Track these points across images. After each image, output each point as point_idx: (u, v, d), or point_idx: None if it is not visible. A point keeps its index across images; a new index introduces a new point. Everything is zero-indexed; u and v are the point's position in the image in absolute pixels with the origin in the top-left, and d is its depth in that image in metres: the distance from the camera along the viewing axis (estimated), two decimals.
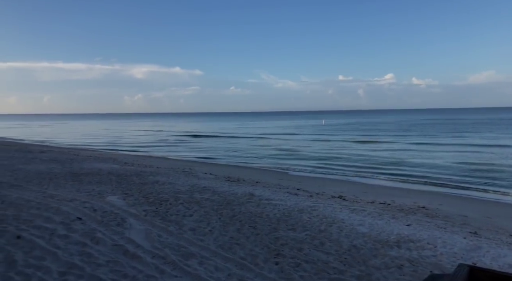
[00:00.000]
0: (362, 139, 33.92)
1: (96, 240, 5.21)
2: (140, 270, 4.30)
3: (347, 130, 51.41)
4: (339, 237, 5.94)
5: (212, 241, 5.46)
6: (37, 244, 4.94)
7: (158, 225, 6.13)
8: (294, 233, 6.02)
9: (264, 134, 44.28)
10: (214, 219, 6.64)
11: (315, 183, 13.34)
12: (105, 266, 4.35)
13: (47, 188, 9.07)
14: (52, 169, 12.50)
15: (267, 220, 6.74)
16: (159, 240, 5.36)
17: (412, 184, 13.77)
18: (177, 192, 8.96)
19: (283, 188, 11.07)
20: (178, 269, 4.40)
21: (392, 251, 5.38)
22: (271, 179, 13.31)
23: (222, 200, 8.29)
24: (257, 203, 8.11)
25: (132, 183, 10.19)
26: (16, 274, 4.06)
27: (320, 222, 6.81)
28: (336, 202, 9.05)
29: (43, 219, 6.13)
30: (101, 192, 8.71)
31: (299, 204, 8.35)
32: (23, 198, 7.76)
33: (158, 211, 7.07)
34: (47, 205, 7.06)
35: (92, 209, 6.90)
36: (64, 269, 4.25)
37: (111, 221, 6.16)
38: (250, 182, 11.82)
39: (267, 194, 9.38)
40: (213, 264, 4.62)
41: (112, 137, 44.01)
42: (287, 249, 5.25)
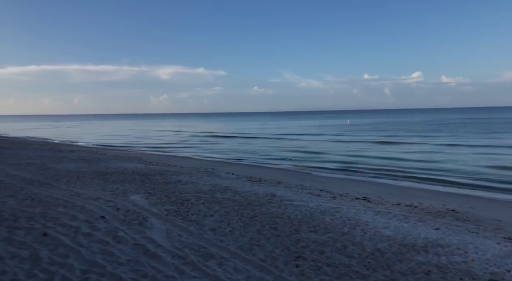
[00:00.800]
0: (388, 140, 32.75)
1: (118, 239, 5.28)
2: (160, 270, 4.30)
3: (372, 130, 49.99)
4: (363, 240, 5.75)
5: (232, 242, 5.41)
6: (62, 242, 5.07)
7: (179, 224, 6.16)
8: (316, 235, 5.89)
9: (287, 135, 43.76)
10: (235, 220, 6.60)
11: (338, 184, 13.07)
12: (126, 265, 4.39)
13: (74, 186, 9.35)
14: (80, 168, 12.90)
15: (288, 222, 6.63)
16: (179, 240, 5.37)
17: (441, 186, 13.22)
18: (199, 192, 9.00)
19: (306, 189, 10.90)
20: (197, 269, 4.38)
21: (419, 256, 5.14)
22: (293, 180, 13.15)
23: (243, 200, 8.25)
24: (278, 204, 8.01)
25: (156, 182, 10.34)
26: (40, 271, 4.16)
27: (343, 224, 6.63)
28: (360, 203, 8.80)
29: (69, 217, 6.29)
30: (125, 191, 8.88)
31: (321, 205, 8.18)
32: (51, 196, 8.03)
33: (180, 210, 7.11)
34: (73, 204, 7.26)
35: (116, 208, 7.03)
36: (87, 267, 4.32)
37: (133, 220, 6.24)
38: (271, 183, 11.73)
39: (289, 195, 9.26)
40: (233, 265, 4.57)
41: (133, 137, 45.04)
42: (308, 252, 5.13)
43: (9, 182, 9.66)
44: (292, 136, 41.93)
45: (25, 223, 5.90)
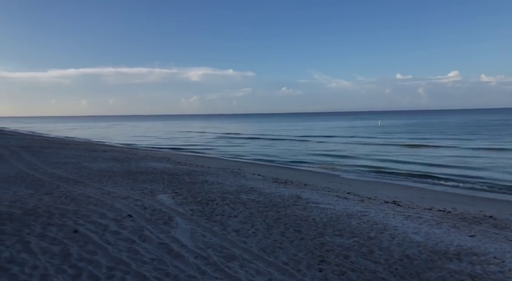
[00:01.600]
0: (420, 143, 31.12)
1: (144, 237, 5.39)
2: (182, 270, 4.34)
3: (404, 132, 47.89)
4: (390, 245, 5.54)
5: (255, 244, 5.38)
6: (91, 239, 5.24)
7: (203, 225, 6.20)
8: (341, 239, 5.73)
9: (314, 137, 43.05)
10: (259, 221, 6.56)
11: (367, 187, 12.72)
12: (150, 264, 4.47)
13: (105, 185, 9.68)
14: (112, 167, 13.35)
15: (313, 224, 6.51)
16: (203, 240, 5.41)
17: (477, 191, 12.54)
18: (224, 192, 9.05)
19: (333, 191, 10.69)
20: (219, 271, 4.38)
21: (451, 264, 4.88)
22: (320, 182, 12.95)
23: (268, 201, 8.20)
24: (303, 206, 7.90)
25: (183, 182, 10.51)
26: (69, 267, 4.32)
27: (370, 228, 6.42)
28: (389, 207, 8.51)
29: (98, 215, 6.51)
30: (153, 190, 9.08)
31: (348, 208, 7.97)
32: (84, 194, 8.36)
33: (204, 210, 7.17)
34: (103, 202, 7.51)
35: (143, 207, 7.20)
36: (113, 264, 4.44)
37: (159, 220, 6.36)
38: (298, 184, 11.60)
39: (315, 197, 9.11)
40: (255, 267, 4.53)
41: (162, 138, 46.07)
42: (332, 256, 5.00)
43: (46, 180, 10.16)
44: (319, 138, 41.15)
45: (58, 219, 6.16)
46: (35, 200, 7.64)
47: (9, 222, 5.96)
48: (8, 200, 7.56)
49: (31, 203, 7.35)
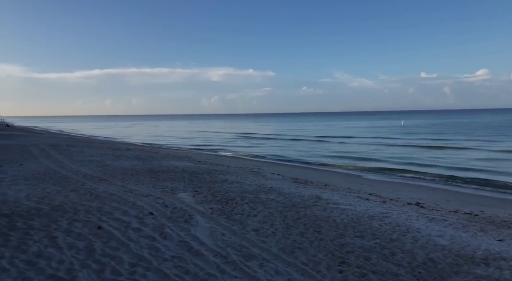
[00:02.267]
0: (445, 144, 29.52)
1: (164, 235, 5.48)
2: (202, 268, 4.38)
3: (428, 133, 46.12)
4: (413, 248, 5.40)
5: (274, 244, 5.36)
6: (114, 235, 5.37)
7: (222, 223, 6.24)
8: (362, 241, 5.63)
9: (334, 137, 42.37)
10: (278, 221, 6.54)
11: (389, 188, 12.45)
12: (170, 261, 4.54)
13: (128, 183, 9.91)
14: (134, 165, 13.65)
15: (333, 225, 6.43)
16: (222, 239, 5.44)
17: (507, 194, 12.04)
18: (243, 192, 9.08)
19: (354, 192, 10.53)
20: (238, 269, 4.40)
21: (478, 269, 4.70)
22: (341, 182, 12.78)
23: (288, 201, 8.16)
24: (323, 207, 7.81)
25: (203, 181, 10.61)
26: (93, 262, 4.44)
27: (392, 230, 6.28)
28: (412, 209, 8.29)
29: (121, 212, 6.67)
30: (174, 188, 9.22)
31: (369, 210, 7.83)
32: (107, 191, 8.58)
33: (224, 209, 7.22)
34: (126, 199, 7.68)
35: (164, 205, 7.32)
36: (134, 261, 4.53)
37: (179, 218, 6.45)
38: (318, 185, 11.49)
39: (335, 198, 8.99)
40: (274, 267, 4.52)
41: (179, 137, 46.67)
42: (353, 258, 4.92)
43: (72, 177, 10.50)
44: (340, 138, 40.43)
45: (83, 216, 6.36)
46: (62, 196, 7.91)
47: (38, 218, 6.19)
48: (37, 196, 7.86)
49: (58, 199, 7.61)
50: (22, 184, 9.37)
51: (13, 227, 5.67)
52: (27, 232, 5.43)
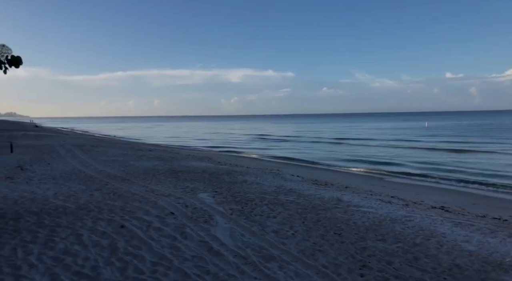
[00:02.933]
0: (472, 148, 27.84)
1: (185, 235, 5.55)
2: (222, 268, 4.41)
3: (453, 135, 43.62)
4: (438, 253, 5.24)
5: (294, 245, 5.33)
6: (136, 234, 5.49)
7: (242, 224, 6.26)
8: (384, 244, 5.52)
9: (358, 139, 41.56)
10: (298, 223, 6.50)
11: (412, 191, 12.15)
12: (191, 261, 4.59)
13: (150, 183, 10.09)
14: (156, 166, 13.89)
15: (354, 228, 6.33)
16: (242, 240, 5.45)
17: None
18: (263, 193, 9.07)
19: (375, 195, 10.33)
20: (258, 271, 4.39)
21: (506, 276, 4.51)
22: (362, 185, 12.57)
23: (307, 203, 8.10)
24: (344, 209, 7.70)
25: (223, 181, 10.68)
26: (117, 260, 4.55)
27: (416, 234, 6.12)
28: (437, 213, 8.05)
29: (143, 211, 6.80)
30: (194, 189, 9.32)
31: (392, 213, 7.66)
32: (130, 191, 8.77)
33: (244, 210, 7.24)
34: (148, 199, 7.83)
35: (184, 205, 7.41)
36: (156, 259, 4.61)
37: (199, 218, 6.52)
38: (338, 187, 11.34)
39: (356, 200, 8.85)
40: (293, 269, 4.49)
41: (199, 138, 47.09)
42: (374, 261, 4.83)
43: (97, 177, 10.80)
44: (361, 140, 39.62)
45: (107, 214, 6.53)
46: (87, 195, 8.15)
47: (64, 216, 6.40)
48: (63, 195, 8.13)
49: (83, 198, 7.84)
50: (49, 183, 9.72)
51: (41, 224, 5.89)
52: (54, 230, 5.63)
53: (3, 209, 6.78)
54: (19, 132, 37.38)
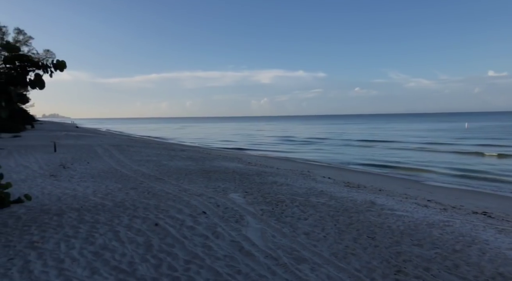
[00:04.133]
0: None
1: (217, 234, 5.62)
2: (253, 268, 4.42)
3: (497, 138, 39.66)
4: (480, 261, 4.96)
5: (326, 248, 5.25)
6: (169, 233, 5.63)
7: (273, 225, 6.25)
8: (421, 250, 5.31)
9: (392, 142, 40.21)
10: (329, 225, 6.40)
11: (451, 194, 11.62)
12: (222, 260, 4.64)
13: (182, 182, 10.32)
14: (188, 166, 14.19)
15: (388, 232, 6.14)
16: (272, 241, 5.45)
17: None
18: (293, 194, 9.01)
19: (411, 198, 9.97)
20: (289, 272, 4.37)
21: None
22: (396, 188, 12.18)
23: (339, 206, 7.95)
24: (378, 213, 7.49)
25: (253, 182, 10.72)
26: (152, 257, 4.69)
27: (455, 240, 5.83)
28: (478, 219, 7.64)
29: (176, 210, 6.97)
30: (225, 189, 9.42)
31: (428, 217, 7.36)
32: (163, 190, 9.01)
33: (274, 211, 7.22)
34: (181, 198, 8.01)
35: (216, 205, 7.51)
36: (189, 258, 4.70)
37: (230, 218, 6.58)
38: (371, 190, 11.06)
39: (390, 204, 8.59)
40: (325, 272, 4.42)
41: (230, 138, 47.50)
42: (410, 267, 4.66)
43: (132, 176, 11.19)
44: (396, 143, 38.27)
45: (142, 212, 6.74)
46: (123, 194, 8.47)
47: (103, 213, 6.69)
48: (102, 193, 8.50)
49: (120, 196, 8.16)
50: (89, 181, 10.19)
51: (82, 220, 6.19)
52: (93, 226, 5.89)
53: (47, 205, 7.20)
54: (62, 132, 39.54)
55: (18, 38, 42.73)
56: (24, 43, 42.81)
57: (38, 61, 4.82)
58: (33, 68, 4.74)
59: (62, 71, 4.89)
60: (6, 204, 6.94)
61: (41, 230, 5.63)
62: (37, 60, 5.05)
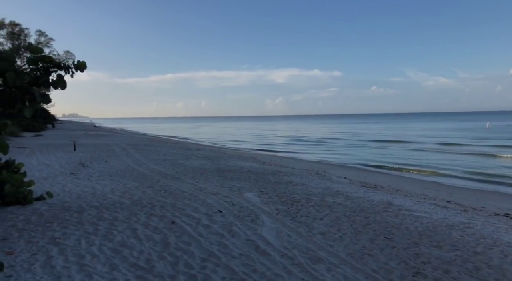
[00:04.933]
0: None
1: (232, 233, 5.65)
2: (269, 267, 4.43)
3: None
4: (502, 263, 4.83)
5: (342, 248, 5.21)
6: (186, 231, 5.69)
7: (288, 225, 6.24)
8: (440, 251, 5.20)
9: (407, 142, 39.57)
10: (346, 226, 6.34)
11: (472, 196, 11.33)
12: (238, 259, 4.67)
13: (198, 181, 10.42)
14: (203, 165, 14.31)
15: (406, 233, 6.04)
16: (288, 240, 5.44)
17: None
18: (309, 194, 8.97)
19: (429, 199, 9.77)
20: (305, 272, 4.36)
21: None
22: (414, 188, 11.96)
23: (356, 206, 7.87)
24: (395, 213, 7.38)
25: (268, 181, 10.72)
26: (168, 254, 4.76)
27: (476, 242, 5.69)
28: (501, 221, 7.43)
29: (192, 208, 7.04)
30: (240, 188, 9.46)
31: (448, 218, 7.20)
32: (180, 189, 9.12)
33: (290, 211, 7.21)
34: (197, 197, 8.09)
35: (231, 204, 7.55)
36: (205, 256, 4.75)
37: (246, 217, 6.60)
38: (388, 190, 10.89)
39: (408, 204, 8.44)
40: (342, 272, 4.39)
41: (245, 138, 47.58)
42: (429, 269, 4.57)
43: (149, 175, 11.36)
44: (410, 143, 37.59)
45: (159, 211, 6.84)
46: (140, 192, 8.61)
47: (121, 210, 6.82)
48: (119, 191, 8.67)
49: (137, 194, 8.30)
50: (107, 179, 10.41)
51: (101, 217, 6.33)
52: (112, 223, 6.02)
53: (68, 202, 7.39)
54: (81, 131, 40.49)
55: (39, 40, 44.01)
56: (45, 45, 44.05)
57: (60, 62, 4.96)
58: (55, 69, 4.88)
59: (82, 71, 5.01)
60: (29, 201, 7.16)
61: (63, 227, 5.79)
62: (58, 61, 5.19)
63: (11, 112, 5.15)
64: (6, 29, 41.62)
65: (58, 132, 38.47)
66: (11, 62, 4.73)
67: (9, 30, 41.73)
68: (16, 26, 42.07)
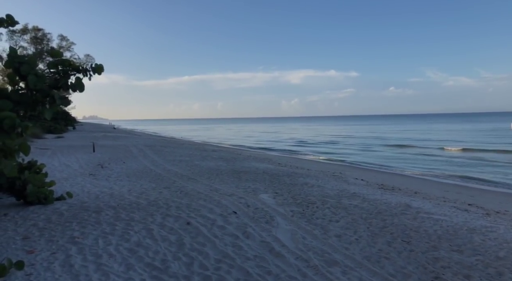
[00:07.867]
0: None
1: (247, 234, 5.64)
2: (283, 270, 4.40)
3: None
4: None
5: (358, 251, 5.12)
6: (201, 231, 5.72)
7: (303, 227, 6.19)
8: (460, 256, 5.05)
9: (431, 141, 38.70)
10: (362, 228, 6.23)
11: (494, 199, 10.97)
12: (252, 260, 4.65)
13: (213, 182, 10.47)
14: (219, 166, 14.38)
15: (425, 236, 5.89)
16: (303, 243, 5.39)
17: None
18: (324, 196, 8.88)
19: (449, 201, 9.52)
20: (320, 274, 4.30)
21: None
22: (433, 190, 11.67)
23: (373, 208, 7.73)
24: (413, 216, 7.21)
25: (283, 183, 10.67)
26: (183, 255, 4.79)
27: (499, 247, 5.49)
28: None
29: (207, 209, 7.07)
30: (255, 189, 9.45)
31: (469, 222, 6.98)
32: (195, 189, 9.19)
33: (305, 213, 7.15)
34: (212, 198, 8.13)
35: (246, 205, 7.55)
36: (219, 257, 4.75)
37: (261, 218, 6.58)
38: (406, 192, 10.67)
39: (427, 207, 8.24)
40: (358, 275, 4.31)
41: (260, 139, 47.54)
42: (449, 274, 4.44)
43: (165, 176, 11.50)
44: (429, 142, 36.72)
45: (174, 211, 6.91)
46: (157, 193, 8.72)
47: (137, 211, 6.92)
48: (136, 192, 8.80)
49: (153, 195, 8.40)
50: (124, 180, 10.59)
51: (118, 218, 6.44)
52: (129, 223, 6.11)
53: (87, 203, 7.55)
54: (100, 133, 41.40)
55: (61, 44, 45.36)
56: (67, 49, 45.36)
57: (79, 66, 5.09)
58: (74, 72, 5.02)
59: (100, 74, 5.12)
60: (50, 201, 7.36)
61: (81, 226, 5.92)
62: (78, 64, 5.33)
63: (33, 114, 5.32)
64: (30, 34, 43.05)
65: (79, 133, 39.46)
66: (32, 65, 4.88)
67: (32, 35, 43.16)
68: (39, 31, 43.50)
